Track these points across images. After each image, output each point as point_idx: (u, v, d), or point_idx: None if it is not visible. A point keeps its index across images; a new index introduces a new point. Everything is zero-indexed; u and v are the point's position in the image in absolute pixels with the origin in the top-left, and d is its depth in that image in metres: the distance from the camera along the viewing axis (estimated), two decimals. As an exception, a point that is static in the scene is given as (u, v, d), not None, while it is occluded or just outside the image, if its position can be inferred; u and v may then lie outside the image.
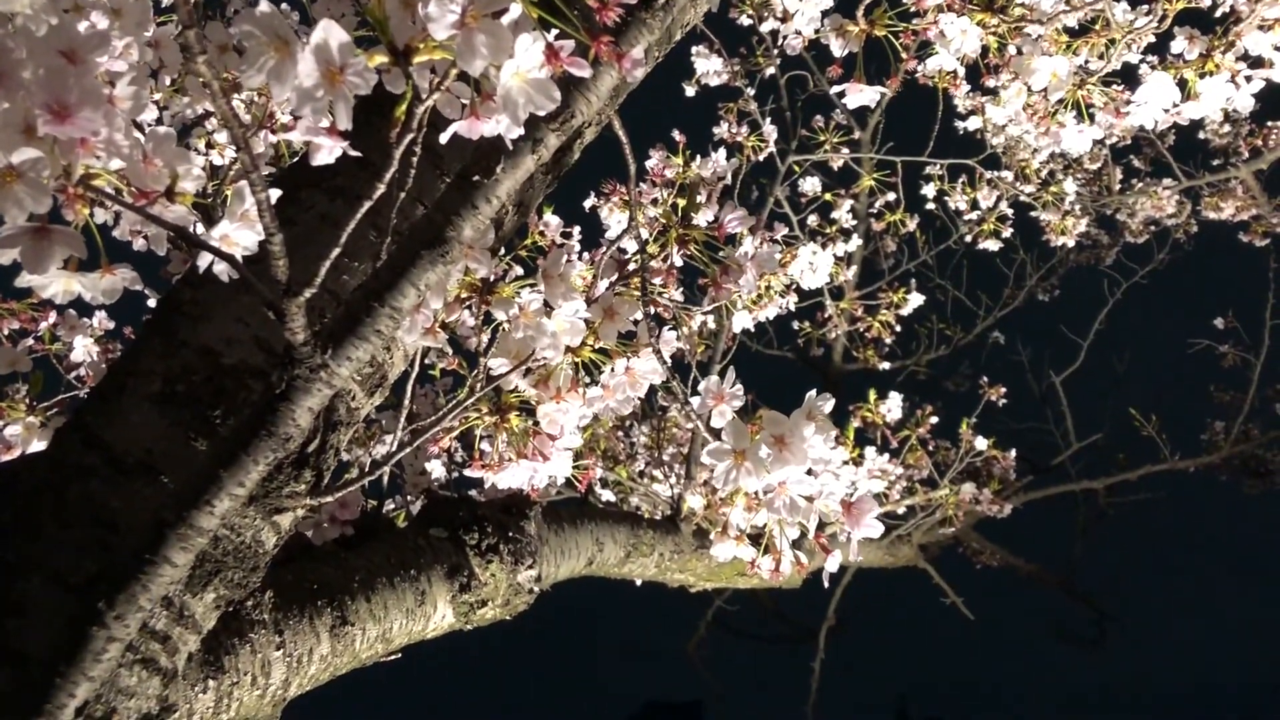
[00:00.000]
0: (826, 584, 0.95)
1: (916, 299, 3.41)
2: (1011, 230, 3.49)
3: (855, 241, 3.33)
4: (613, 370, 0.90)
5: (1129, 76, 1.57)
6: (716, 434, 0.86)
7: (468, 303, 0.87)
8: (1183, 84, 1.42)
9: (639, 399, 0.95)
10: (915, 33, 1.13)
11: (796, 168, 3.10)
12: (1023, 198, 3.32)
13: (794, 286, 2.13)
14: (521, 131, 0.63)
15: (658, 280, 0.93)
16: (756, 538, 1.66)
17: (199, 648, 0.86)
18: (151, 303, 1.61)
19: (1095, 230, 5.65)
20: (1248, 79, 1.36)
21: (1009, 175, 3.34)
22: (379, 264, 0.71)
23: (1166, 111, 1.43)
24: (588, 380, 0.99)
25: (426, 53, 0.61)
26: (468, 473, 1.04)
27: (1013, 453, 4.01)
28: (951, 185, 3.54)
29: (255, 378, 0.82)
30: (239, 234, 0.73)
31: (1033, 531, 6.10)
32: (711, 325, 2.71)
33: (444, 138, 0.68)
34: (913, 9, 1.11)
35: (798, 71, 3.38)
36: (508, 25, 0.60)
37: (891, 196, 3.59)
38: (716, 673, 6.98)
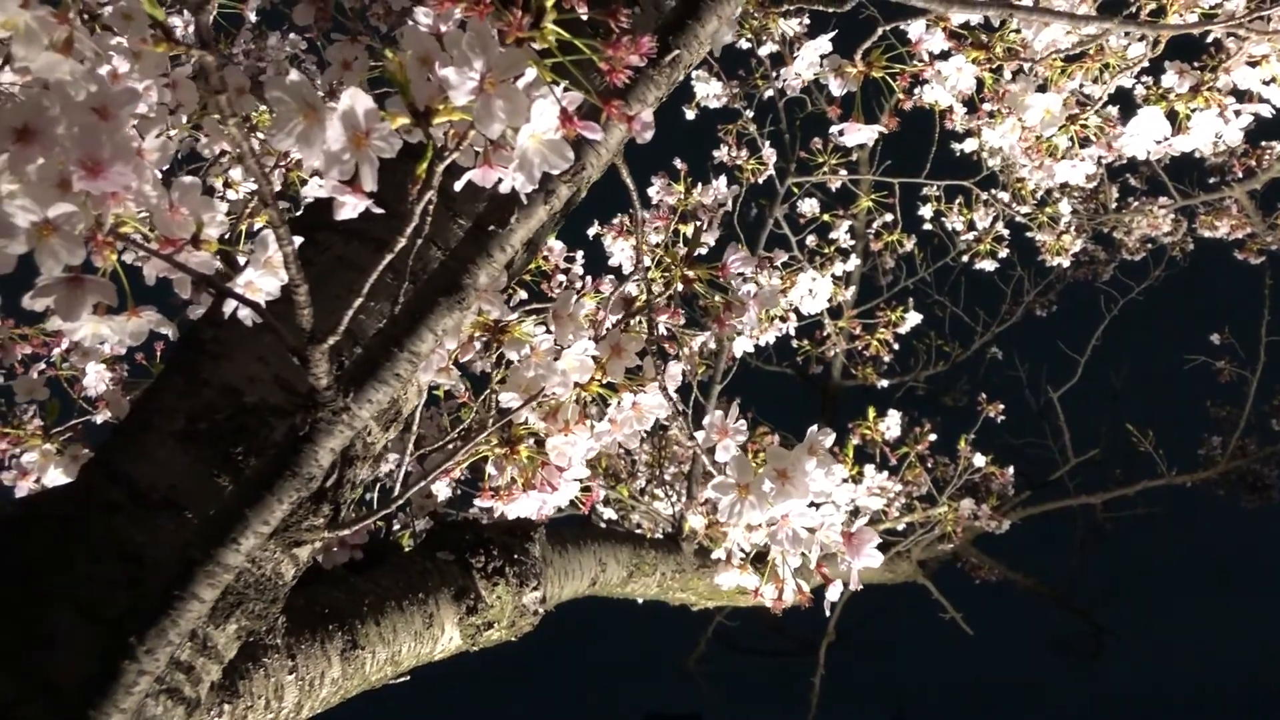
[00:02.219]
0: (828, 611, 0.98)
1: (914, 318, 3.44)
2: (1008, 250, 3.52)
3: (854, 261, 3.36)
4: (619, 404, 0.93)
5: (1123, 99, 1.60)
6: (721, 468, 0.89)
7: (480, 341, 0.90)
8: (1173, 115, 1.46)
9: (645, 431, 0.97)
10: (912, 74, 1.16)
11: (796, 189, 3.13)
12: (1018, 218, 3.35)
13: (793, 309, 2.16)
14: (536, 186, 0.66)
15: (663, 317, 0.96)
16: (758, 558, 1.69)
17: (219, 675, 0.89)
18: (165, 330, 1.63)
19: (1092, 246, 5.69)
20: (1236, 113, 1.39)
21: (1005, 195, 3.38)
22: (398, 309, 0.74)
23: (1158, 143, 1.46)
24: (597, 407, 1.02)
25: (446, 114, 0.64)
26: (477, 502, 1.07)
27: (1011, 469, 4.04)
28: (948, 206, 3.58)
29: (276, 416, 0.85)
30: (262, 280, 0.76)
31: (1031, 546, 6.12)
32: (712, 345, 2.75)
33: (458, 185, 0.72)
34: (909, 52, 1.15)
35: (796, 94, 3.41)
36: (523, 87, 0.63)
37: (889, 217, 3.63)
38: (717, 686, 7.00)
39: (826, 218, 3.41)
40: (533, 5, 0.62)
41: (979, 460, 4.04)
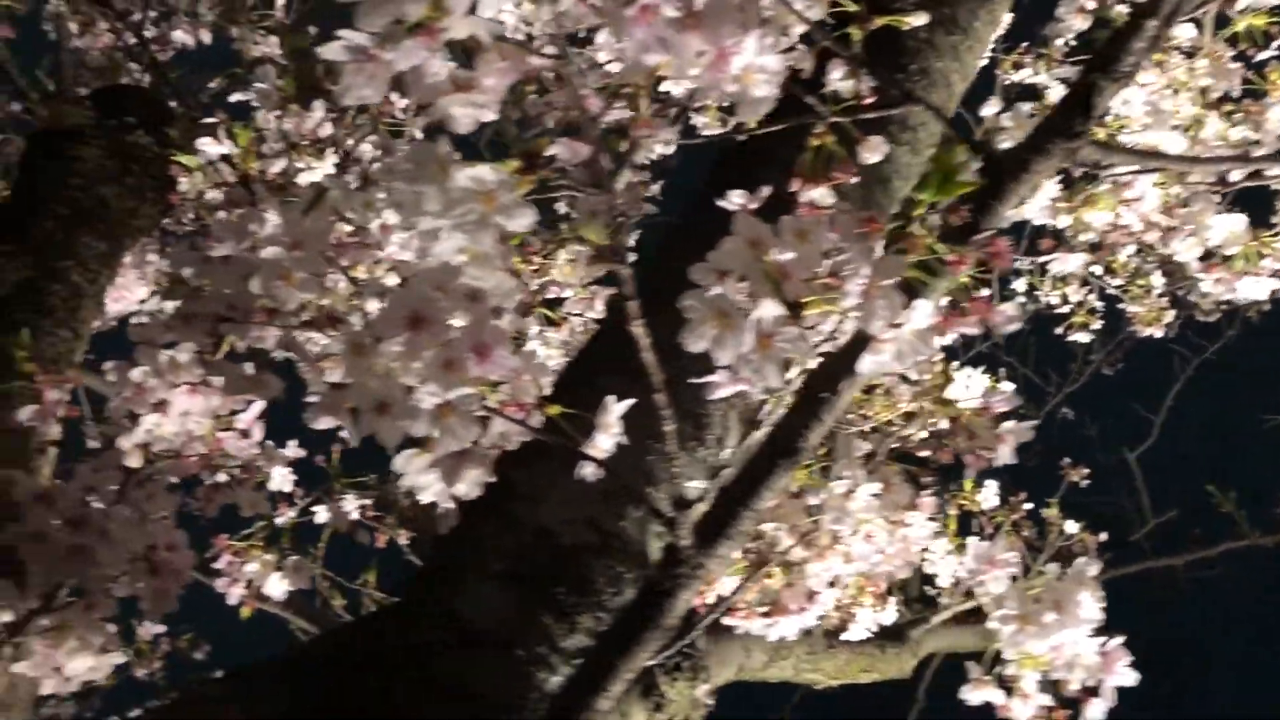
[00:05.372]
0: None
1: (1006, 387, 3.47)
2: (1101, 320, 3.56)
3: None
4: (892, 537, 1.00)
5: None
6: (999, 600, 0.95)
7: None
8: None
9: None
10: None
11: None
12: (1110, 290, 3.39)
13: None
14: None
15: (926, 452, 1.03)
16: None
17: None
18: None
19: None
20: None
21: (1098, 269, 3.43)
22: (740, 471, 0.81)
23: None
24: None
25: (814, 307, 0.72)
26: (726, 621, 1.13)
27: (1104, 535, 4.03)
28: (1042, 279, 3.63)
29: (593, 556, 0.93)
30: (604, 442, 0.84)
31: (1108, 608, 6.06)
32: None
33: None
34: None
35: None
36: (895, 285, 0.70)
37: (986, 291, 3.67)
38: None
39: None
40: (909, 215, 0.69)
41: (1071, 527, 4.05)
